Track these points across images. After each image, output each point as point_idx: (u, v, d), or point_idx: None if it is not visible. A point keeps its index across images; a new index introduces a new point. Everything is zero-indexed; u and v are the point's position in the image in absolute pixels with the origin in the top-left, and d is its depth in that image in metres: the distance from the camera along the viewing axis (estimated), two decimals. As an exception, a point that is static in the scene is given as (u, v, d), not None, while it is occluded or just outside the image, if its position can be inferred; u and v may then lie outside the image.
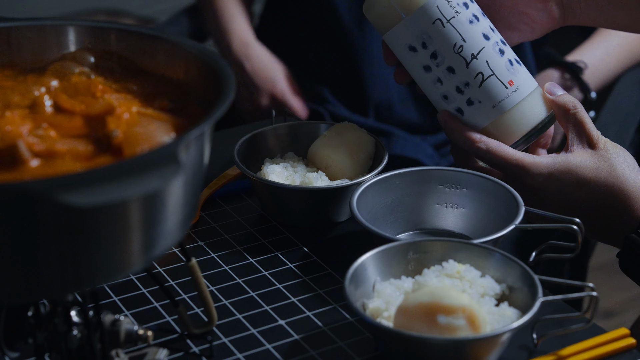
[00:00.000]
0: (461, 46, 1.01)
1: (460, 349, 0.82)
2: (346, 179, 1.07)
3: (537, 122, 1.04)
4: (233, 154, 1.08)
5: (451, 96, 1.03)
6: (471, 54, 1.01)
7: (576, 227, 0.94)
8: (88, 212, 0.65)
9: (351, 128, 1.11)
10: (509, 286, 0.89)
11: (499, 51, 1.03)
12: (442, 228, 1.05)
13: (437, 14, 1.01)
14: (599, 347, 0.88)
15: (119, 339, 0.81)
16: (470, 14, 1.02)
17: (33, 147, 0.72)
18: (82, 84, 0.83)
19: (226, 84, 0.77)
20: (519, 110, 1.03)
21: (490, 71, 1.02)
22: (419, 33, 1.02)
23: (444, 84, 1.03)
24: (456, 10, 1.01)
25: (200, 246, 1.04)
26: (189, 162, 0.71)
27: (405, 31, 1.02)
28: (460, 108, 1.03)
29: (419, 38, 1.02)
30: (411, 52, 1.03)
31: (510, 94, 1.02)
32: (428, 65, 1.02)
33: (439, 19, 1.01)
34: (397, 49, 1.04)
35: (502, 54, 1.03)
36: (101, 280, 0.70)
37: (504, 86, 1.02)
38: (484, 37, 1.02)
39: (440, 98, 1.04)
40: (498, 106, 1.02)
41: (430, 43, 1.02)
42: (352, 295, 0.86)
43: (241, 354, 0.88)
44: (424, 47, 1.02)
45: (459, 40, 1.01)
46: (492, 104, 1.02)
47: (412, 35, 1.02)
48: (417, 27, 1.01)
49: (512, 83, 1.03)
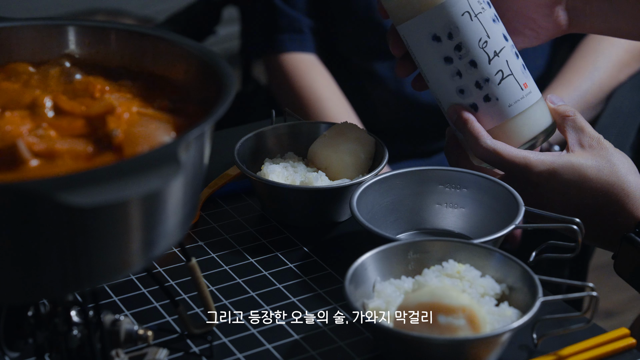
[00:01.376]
0: (485, 42, 1.01)
1: (460, 349, 0.82)
2: (346, 179, 1.07)
3: (543, 128, 1.04)
4: (233, 154, 1.08)
5: (468, 91, 1.03)
6: (494, 50, 1.02)
7: (576, 227, 0.94)
8: (88, 212, 0.65)
9: (351, 128, 1.11)
10: (509, 286, 0.89)
11: (515, 53, 1.04)
12: (442, 228, 1.05)
13: (467, 6, 1.01)
14: (599, 347, 0.88)
15: (119, 339, 0.81)
16: (493, 14, 1.03)
17: (33, 147, 0.72)
18: (80, 84, 0.83)
19: (226, 84, 0.77)
20: (530, 113, 1.04)
21: (510, 70, 1.03)
22: (447, 23, 1.01)
23: (464, 77, 1.03)
24: (482, 7, 1.02)
25: (200, 246, 1.04)
26: (189, 162, 0.71)
27: (431, 20, 1.01)
28: (476, 104, 1.03)
29: (446, 28, 1.01)
30: (434, 41, 1.02)
31: (525, 96, 1.03)
32: (450, 56, 1.02)
33: (467, 12, 1.01)
34: (417, 39, 1.03)
35: (517, 57, 1.04)
36: (101, 280, 0.70)
37: (520, 87, 1.03)
38: (503, 37, 1.03)
39: (455, 92, 1.04)
40: (513, 106, 1.03)
41: (456, 34, 1.01)
42: (352, 295, 0.86)
43: (241, 354, 0.88)
44: (450, 38, 1.01)
45: (484, 36, 1.01)
46: (508, 103, 1.03)
47: (439, 24, 1.01)
48: (446, 17, 1.01)
49: (526, 86, 1.04)
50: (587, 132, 1.03)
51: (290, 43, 1.66)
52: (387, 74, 1.64)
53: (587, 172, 1.01)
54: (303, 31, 1.66)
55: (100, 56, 0.88)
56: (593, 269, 1.74)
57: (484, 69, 1.02)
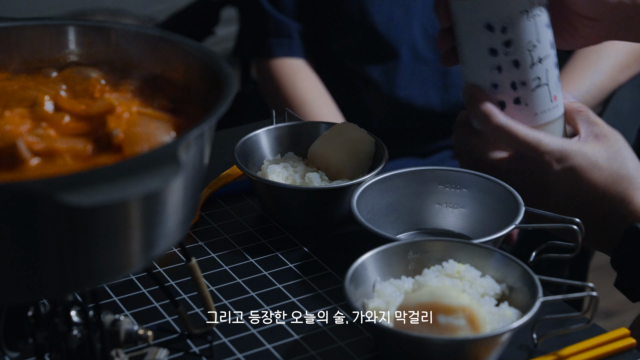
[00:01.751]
0: (534, 45, 1.01)
1: (460, 349, 0.82)
2: (346, 179, 1.07)
3: None
4: (233, 154, 1.08)
5: (502, 88, 1.03)
6: (539, 56, 1.01)
7: (576, 227, 0.94)
8: (88, 212, 0.65)
9: (351, 128, 1.11)
10: (509, 286, 0.89)
11: (555, 64, 1.04)
12: (442, 228, 1.05)
13: (527, 5, 1.00)
14: (599, 347, 0.88)
15: (119, 339, 0.81)
16: (547, 19, 1.02)
17: (33, 147, 0.72)
18: (80, 84, 0.83)
19: (226, 84, 0.77)
20: (551, 126, 1.04)
21: (546, 80, 1.03)
22: (505, 16, 1.00)
23: (502, 73, 1.02)
24: (540, 10, 1.01)
25: (200, 246, 1.04)
26: (189, 162, 0.71)
27: (490, 8, 1.00)
28: (505, 102, 1.03)
29: (502, 21, 1.00)
30: (486, 30, 1.01)
31: (552, 108, 1.04)
32: (496, 49, 1.01)
33: (526, 11, 1.00)
34: (469, 21, 1.02)
35: (556, 68, 1.04)
36: (101, 280, 0.70)
37: (550, 99, 1.03)
38: (550, 45, 1.03)
39: (488, 84, 1.03)
40: (539, 116, 1.03)
41: (510, 30, 1.00)
42: (352, 295, 0.86)
43: (241, 354, 0.88)
44: (503, 32, 1.00)
45: (534, 39, 1.01)
46: (535, 111, 1.03)
47: (496, 14, 1.00)
48: (506, 9, 1.00)
49: (555, 98, 1.04)
50: (600, 125, 1.03)
51: (279, 48, 1.66)
52: (380, 78, 1.64)
53: (599, 160, 1.01)
54: (292, 36, 1.66)
55: (100, 56, 0.88)
56: (593, 269, 1.74)
57: (524, 72, 1.02)
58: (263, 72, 1.70)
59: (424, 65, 1.63)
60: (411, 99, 1.64)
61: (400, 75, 1.63)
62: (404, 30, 1.61)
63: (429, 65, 1.63)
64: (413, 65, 1.63)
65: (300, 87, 1.64)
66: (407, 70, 1.63)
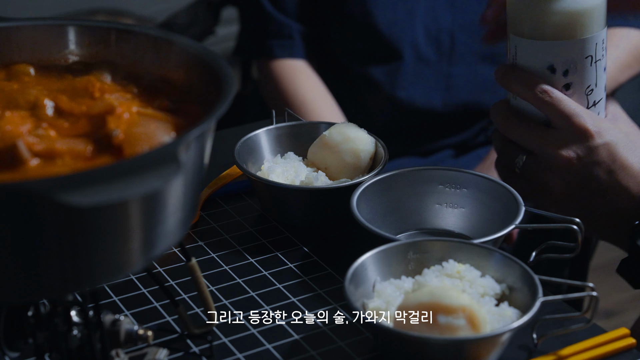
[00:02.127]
0: (592, 90, 1.01)
1: (460, 349, 0.82)
2: (346, 179, 1.07)
3: None
4: (233, 154, 1.08)
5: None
6: (594, 100, 1.02)
7: (576, 227, 0.94)
8: (88, 212, 0.65)
9: (351, 128, 1.11)
10: (509, 286, 0.89)
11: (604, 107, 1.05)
12: (442, 228, 1.05)
13: (593, 50, 1.00)
14: (599, 347, 0.88)
15: (119, 339, 0.81)
16: (605, 63, 1.02)
17: (33, 147, 0.72)
18: (80, 84, 0.83)
19: (226, 84, 0.77)
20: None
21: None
22: (569, 60, 1.00)
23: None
24: (602, 54, 1.01)
25: (200, 246, 1.04)
26: (189, 162, 0.71)
27: (556, 51, 1.00)
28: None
29: (566, 64, 1.00)
30: (548, 71, 1.01)
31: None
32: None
33: (591, 56, 1.00)
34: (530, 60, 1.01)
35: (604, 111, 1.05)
36: (101, 280, 0.70)
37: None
38: (604, 89, 1.03)
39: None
40: None
41: (572, 74, 1.01)
42: (352, 295, 0.86)
43: (241, 354, 0.88)
44: (564, 75, 1.01)
45: (593, 83, 1.01)
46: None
47: (561, 58, 1.00)
48: (571, 53, 1.00)
49: None
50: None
51: (280, 49, 1.66)
52: (382, 79, 1.64)
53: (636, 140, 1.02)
54: (293, 37, 1.66)
55: (100, 56, 0.88)
56: (593, 269, 1.74)
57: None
58: (263, 73, 1.69)
59: (427, 66, 1.63)
60: (413, 99, 1.64)
61: (402, 76, 1.63)
62: (407, 31, 1.61)
63: (432, 66, 1.63)
64: (415, 66, 1.63)
65: (301, 87, 1.64)
66: (410, 71, 1.63)
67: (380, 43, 1.62)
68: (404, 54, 1.62)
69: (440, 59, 1.63)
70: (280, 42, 1.66)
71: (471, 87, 1.65)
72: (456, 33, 1.62)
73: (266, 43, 1.66)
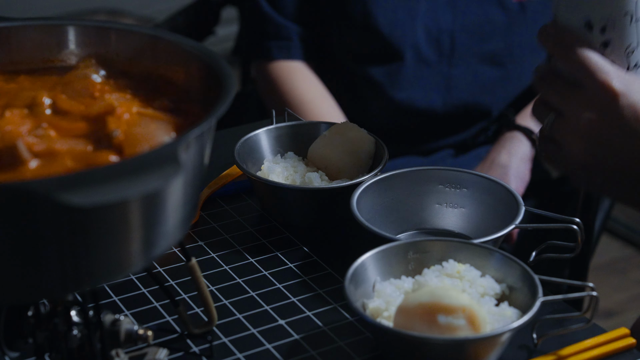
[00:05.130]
0: (632, 50, 0.96)
1: (460, 349, 0.82)
2: (346, 179, 1.07)
3: None
4: (233, 154, 1.08)
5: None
6: (635, 62, 0.97)
7: (576, 227, 0.94)
8: (88, 212, 0.65)
9: (351, 128, 1.11)
10: (509, 286, 0.89)
11: None
12: (442, 228, 1.05)
13: (632, 7, 0.95)
14: (599, 347, 0.88)
15: (119, 338, 0.81)
16: None
17: (33, 147, 0.72)
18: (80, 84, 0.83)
19: (226, 84, 0.77)
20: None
21: None
22: (606, 15, 0.95)
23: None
24: None
25: (200, 246, 1.04)
26: (189, 162, 0.71)
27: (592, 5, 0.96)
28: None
29: (603, 20, 0.95)
30: (585, 28, 0.96)
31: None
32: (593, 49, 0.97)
33: (631, 14, 0.95)
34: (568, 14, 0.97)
35: None
36: (101, 280, 0.70)
37: None
38: None
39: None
40: None
41: (610, 31, 0.95)
42: (352, 295, 0.86)
43: (241, 354, 0.88)
44: (602, 32, 0.95)
45: (634, 43, 0.96)
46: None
47: (598, 13, 0.95)
48: (609, 8, 0.95)
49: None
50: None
51: (277, 51, 1.66)
52: (382, 80, 1.64)
53: None
54: (291, 38, 1.66)
55: (100, 56, 0.88)
56: (593, 269, 1.74)
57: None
58: (261, 74, 1.69)
59: (427, 67, 1.63)
60: (413, 100, 1.64)
61: (403, 77, 1.63)
62: (407, 32, 1.61)
63: (432, 67, 1.63)
64: (416, 67, 1.63)
65: (299, 87, 1.64)
66: (410, 72, 1.63)
67: (381, 44, 1.62)
68: (404, 54, 1.62)
69: (440, 59, 1.63)
70: (278, 44, 1.66)
71: (471, 88, 1.64)
72: (457, 34, 1.62)
73: (264, 44, 1.66)
